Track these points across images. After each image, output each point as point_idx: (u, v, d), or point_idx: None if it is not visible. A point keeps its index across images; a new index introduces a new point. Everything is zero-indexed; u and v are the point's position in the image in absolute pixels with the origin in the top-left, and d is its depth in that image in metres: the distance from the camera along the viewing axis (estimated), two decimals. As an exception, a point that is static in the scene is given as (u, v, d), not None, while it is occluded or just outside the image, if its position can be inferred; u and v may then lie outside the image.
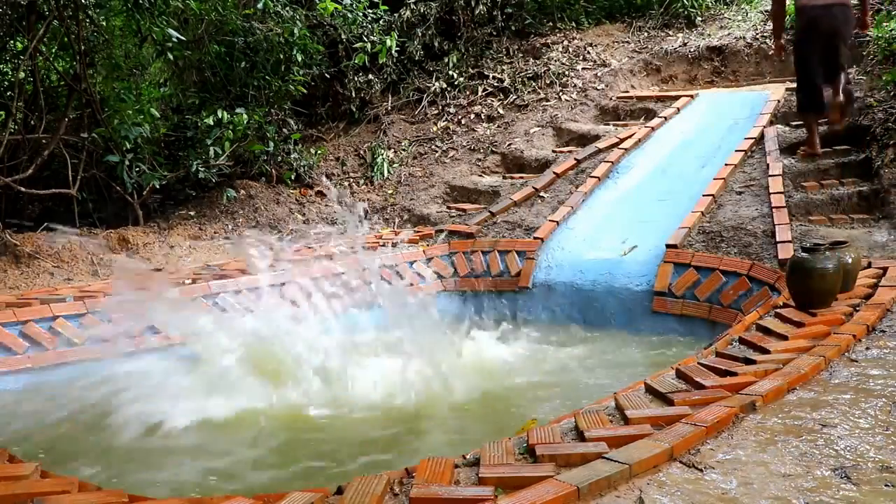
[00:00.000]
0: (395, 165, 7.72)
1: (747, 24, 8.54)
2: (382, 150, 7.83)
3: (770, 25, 7.61)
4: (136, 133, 6.10)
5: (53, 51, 6.74)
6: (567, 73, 8.35)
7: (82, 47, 5.93)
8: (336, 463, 3.13)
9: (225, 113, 6.52)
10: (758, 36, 8.19)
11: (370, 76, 8.39)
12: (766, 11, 8.50)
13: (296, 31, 6.75)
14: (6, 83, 6.56)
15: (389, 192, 7.38)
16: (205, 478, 3.03)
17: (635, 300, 5.18)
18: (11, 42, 6.61)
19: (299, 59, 6.91)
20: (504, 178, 7.24)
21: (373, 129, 8.32)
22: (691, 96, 7.54)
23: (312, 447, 3.33)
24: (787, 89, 7.00)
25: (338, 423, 3.55)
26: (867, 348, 3.05)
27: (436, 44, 8.70)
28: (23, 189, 5.74)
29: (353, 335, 4.57)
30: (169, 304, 4.26)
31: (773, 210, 5.26)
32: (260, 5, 6.44)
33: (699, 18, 8.84)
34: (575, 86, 8.19)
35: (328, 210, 7.07)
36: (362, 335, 4.69)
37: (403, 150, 7.93)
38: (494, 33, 8.91)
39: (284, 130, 7.36)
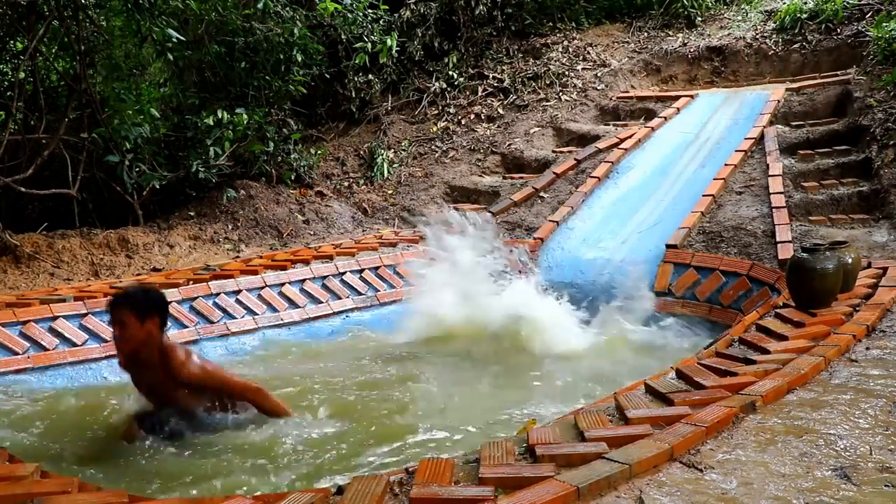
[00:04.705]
0: (395, 165, 7.72)
1: (747, 24, 8.53)
2: (382, 150, 7.82)
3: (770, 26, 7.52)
4: (136, 133, 6.09)
5: (53, 51, 6.73)
6: (567, 73, 8.34)
7: (82, 47, 5.92)
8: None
9: (225, 113, 6.51)
10: (758, 36, 8.18)
11: (370, 76, 8.38)
12: (766, 12, 8.50)
13: (296, 31, 6.74)
14: (6, 83, 6.55)
15: (389, 192, 7.38)
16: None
17: (635, 300, 5.17)
18: (11, 42, 6.60)
19: (299, 59, 6.91)
20: (504, 178, 7.23)
21: (373, 130, 8.32)
22: (691, 96, 7.54)
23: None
24: (787, 89, 7.00)
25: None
26: (867, 348, 3.05)
27: (436, 44, 8.69)
28: (23, 189, 5.73)
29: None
30: None
31: (773, 210, 5.26)
32: (260, 5, 6.44)
33: (699, 18, 8.83)
34: (575, 86, 8.19)
35: (327, 210, 7.07)
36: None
37: (403, 150, 7.93)
38: (494, 33, 8.91)
39: (284, 130, 7.36)
